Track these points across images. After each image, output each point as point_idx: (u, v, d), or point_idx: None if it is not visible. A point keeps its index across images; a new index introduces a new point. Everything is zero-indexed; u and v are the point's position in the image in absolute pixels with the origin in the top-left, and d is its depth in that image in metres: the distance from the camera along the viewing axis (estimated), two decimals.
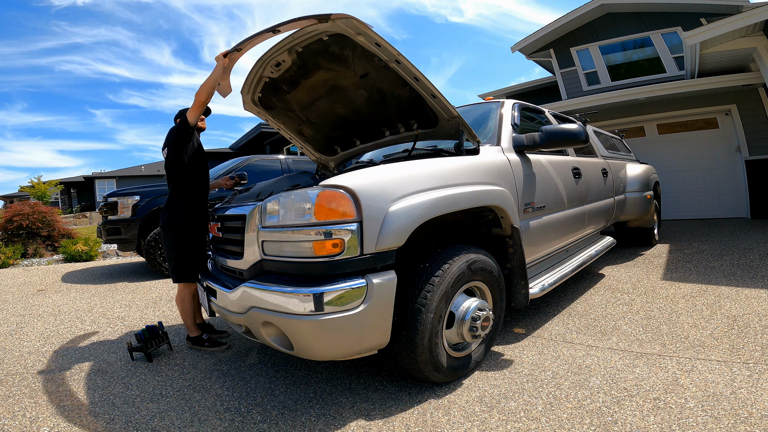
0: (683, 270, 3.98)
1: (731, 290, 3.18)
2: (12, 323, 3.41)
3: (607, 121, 8.30)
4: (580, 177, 3.26)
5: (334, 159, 3.23)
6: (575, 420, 1.62)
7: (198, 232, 2.61)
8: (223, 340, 2.71)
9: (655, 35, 8.76)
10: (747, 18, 5.38)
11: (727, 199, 7.71)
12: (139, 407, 1.92)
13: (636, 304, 3.04)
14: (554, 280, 2.65)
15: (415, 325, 1.75)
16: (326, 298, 1.54)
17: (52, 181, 24.52)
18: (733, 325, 2.49)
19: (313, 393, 1.98)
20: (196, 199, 2.62)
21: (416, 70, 2.00)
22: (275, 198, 1.77)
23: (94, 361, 2.53)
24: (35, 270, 6.34)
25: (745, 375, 1.87)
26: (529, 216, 2.50)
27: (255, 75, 2.37)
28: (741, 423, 1.51)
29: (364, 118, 2.68)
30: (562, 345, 2.37)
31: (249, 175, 5.03)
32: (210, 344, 2.61)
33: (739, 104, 7.35)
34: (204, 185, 2.69)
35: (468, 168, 2.11)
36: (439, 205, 1.82)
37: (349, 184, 1.63)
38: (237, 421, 1.77)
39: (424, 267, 1.85)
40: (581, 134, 2.48)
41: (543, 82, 11.58)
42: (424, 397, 1.87)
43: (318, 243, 1.58)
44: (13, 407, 1.97)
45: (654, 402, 1.70)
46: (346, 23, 1.82)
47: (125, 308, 3.76)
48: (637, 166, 5.16)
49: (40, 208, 7.95)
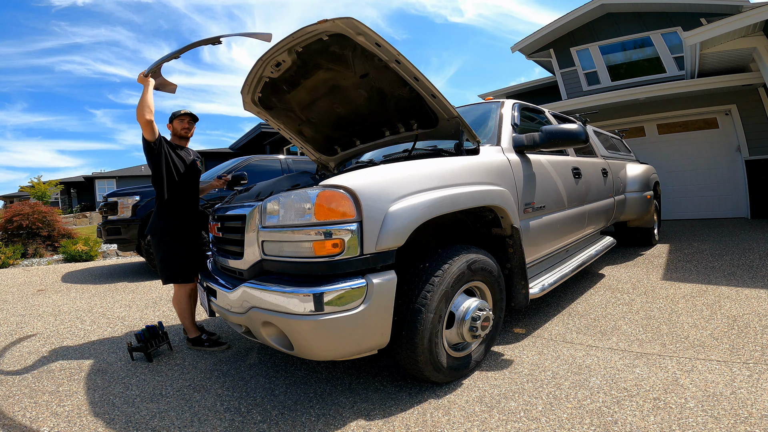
0: (683, 270, 3.98)
1: (731, 290, 3.18)
2: (12, 323, 3.41)
3: (607, 121, 8.29)
4: (580, 177, 3.26)
5: (334, 159, 3.23)
6: (575, 420, 1.62)
7: (186, 235, 2.62)
8: (223, 340, 2.71)
9: (655, 35, 8.76)
10: (747, 18, 5.38)
11: (727, 199, 7.71)
12: (139, 407, 1.92)
13: (636, 304, 3.04)
14: (554, 280, 2.65)
15: (415, 325, 1.75)
16: (326, 298, 1.54)
17: (52, 181, 24.52)
18: (733, 325, 2.48)
19: (313, 393, 1.98)
20: (181, 204, 2.63)
21: (416, 70, 2.00)
22: (275, 198, 1.77)
23: (94, 361, 2.53)
24: (35, 270, 6.34)
25: (745, 375, 1.87)
26: (529, 216, 2.50)
27: (255, 75, 2.36)
28: (741, 423, 1.51)
29: (364, 118, 2.68)
30: (562, 345, 2.37)
31: (249, 175, 5.03)
32: (210, 344, 2.61)
33: (739, 104, 7.35)
34: (188, 190, 2.69)
35: (468, 168, 2.11)
36: (439, 205, 1.82)
37: (349, 184, 1.63)
38: (237, 421, 1.77)
39: (424, 267, 1.85)
40: (581, 134, 2.48)
41: (543, 82, 11.58)
42: (424, 397, 1.87)
43: (318, 243, 1.58)
44: (13, 407, 1.97)
45: (654, 402, 1.70)
46: (347, 23, 1.82)
47: (125, 308, 3.76)
48: (637, 166, 5.16)
49: (40, 208, 7.95)
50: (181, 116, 2.72)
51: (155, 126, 2.46)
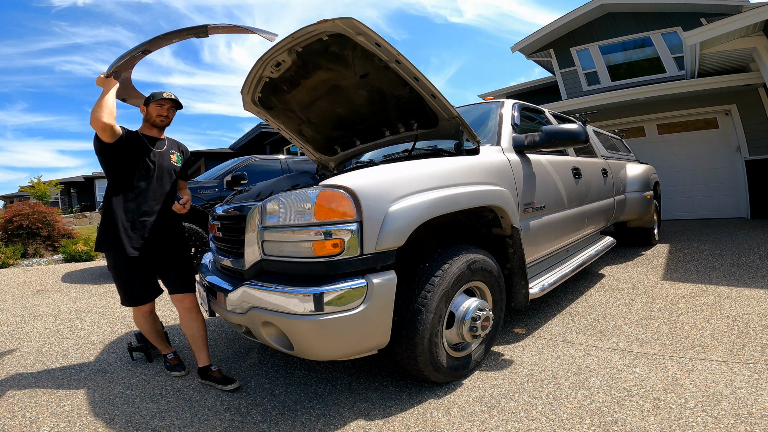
0: (683, 270, 3.98)
1: (731, 290, 3.18)
2: (12, 323, 3.41)
3: (607, 121, 8.29)
4: (580, 177, 3.26)
5: (334, 159, 3.23)
6: (575, 420, 1.62)
7: (139, 255, 2.11)
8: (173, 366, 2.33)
9: (655, 35, 8.76)
10: (747, 18, 5.38)
11: (727, 199, 7.71)
12: (139, 407, 1.92)
13: (636, 304, 3.04)
14: (554, 280, 2.65)
15: (415, 325, 1.75)
16: (326, 298, 1.54)
17: (52, 181, 24.51)
18: (733, 325, 2.48)
19: (313, 393, 1.98)
20: (136, 216, 2.14)
21: (416, 70, 2.00)
22: (275, 198, 1.76)
23: (94, 361, 2.53)
24: (35, 270, 6.34)
25: (745, 375, 1.87)
26: (529, 216, 2.50)
27: (255, 75, 2.36)
28: (741, 423, 1.51)
29: (364, 118, 2.68)
30: (562, 345, 2.37)
31: (249, 175, 5.04)
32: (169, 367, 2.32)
33: (739, 104, 7.35)
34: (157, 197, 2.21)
35: (468, 168, 2.11)
36: (439, 205, 1.82)
37: (349, 184, 1.63)
38: (237, 421, 1.77)
39: (424, 267, 1.85)
40: (581, 134, 2.48)
41: (543, 82, 11.58)
42: (424, 397, 1.87)
43: (318, 243, 1.58)
44: (13, 407, 1.97)
45: (654, 402, 1.70)
46: (346, 23, 1.82)
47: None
48: (637, 166, 5.16)
49: (40, 208, 7.95)
50: (161, 101, 2.21)
51: (116, 127, 2.04)
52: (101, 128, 1.98)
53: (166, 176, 2.26)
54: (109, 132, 2.01)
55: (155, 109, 2.21)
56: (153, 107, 2.21)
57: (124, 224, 2.11)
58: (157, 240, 2.18)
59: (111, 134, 2.02)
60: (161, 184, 2.23)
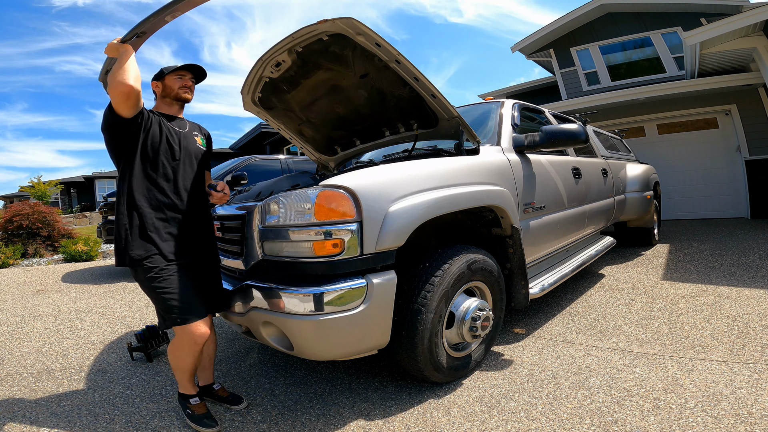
0: (683, 270, 3.98)
1: (731, 290, 3.18)
2: (12, 323, 3.41)
3: (607, 121, 8.29)
4: (580, 177, 3.26)
5: (334, 159, 3.23)
6: (575, 420, 1.62)
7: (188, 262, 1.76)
8: None
9: (655, 35, 8.76)
10: (747, 18, 5.38)
11: (727, 199, 7.71)
12: (139, 407, 1.92)
13: (636, 304, 3.04)
14: (554, 280, 2.65)
15: (415, 325, 1.75)
16: (326, 298, 1.54)
17: (52, 181, 24.52)
18: (733, 325, 2.48)
19: (313, 393, 1.98)
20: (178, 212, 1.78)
21: (416, 70, 2.00)
22: (275, 198, 1.76)
23: (94, 361, 2.53)
24: (35, 270, 6.34)
25: (745, 375, 1.87)
26: (529, 216, 2.50)
27: (255, 75, 2.36)
28: (741, 423, 1.51)
29: (364, 118, 2.68)
30: (562, 345, 2.37)
31: (249, 175, 5.04)
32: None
33: (739, 104, 7.35)
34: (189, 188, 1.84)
35: (468, 168, 2.11)
36: (439, 205, 1.82)
37: (349, 184, 1.63)
38: (237, 421, 1.77)
39: (424, 267, 1.85)
40: (581, 134, 2.48)
41: (543, 82, 11.58)
42: (424, 397, 1.87)
43: (318, 243, 1.58)
44: (13, 407, 1.97)
45: (654, 402, 1.70)
46: (346, 23, 1.82)
47: (125, 308, 3.76)
48: (637, 166, 5.16)
49: (40, 208, 7.95)
50: (179, 70, 1.87)
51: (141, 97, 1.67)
52: (126, 93, 1.60)
53: (194, 161, 1.88)
54: (133, 100, 1.63)
55: (175, 81, 1.86)
56: (172, 79, 1.86)
57: (154, 222, 1.70)
58: (195, 240, 1.81)
59: (135, 103, 1.65)
60: (189, 171, 1.84)
